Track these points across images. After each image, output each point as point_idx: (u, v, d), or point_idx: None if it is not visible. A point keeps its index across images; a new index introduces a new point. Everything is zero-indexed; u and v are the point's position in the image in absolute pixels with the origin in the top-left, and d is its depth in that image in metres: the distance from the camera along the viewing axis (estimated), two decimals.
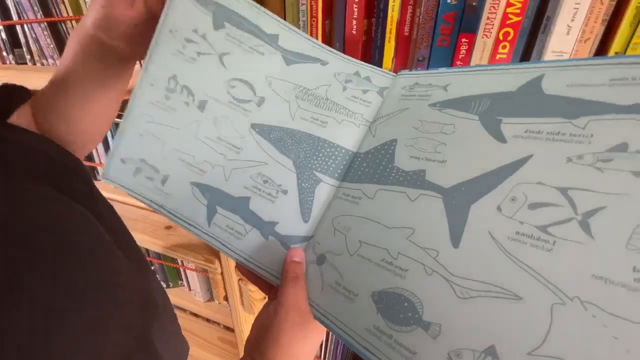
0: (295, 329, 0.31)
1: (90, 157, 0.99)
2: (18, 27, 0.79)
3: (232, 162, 0.36)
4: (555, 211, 0.23)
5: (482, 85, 0.30)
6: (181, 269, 1.09)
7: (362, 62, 0.37)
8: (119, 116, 0.43)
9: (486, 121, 0.28)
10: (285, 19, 0.53)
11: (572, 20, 0.38)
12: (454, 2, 0.43)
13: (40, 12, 0.74)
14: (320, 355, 0.81)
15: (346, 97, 0.36)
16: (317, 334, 0.32)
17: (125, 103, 0.39)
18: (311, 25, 0.52)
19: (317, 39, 0.53)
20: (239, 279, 0.75)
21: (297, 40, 0.37)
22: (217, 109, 0.36)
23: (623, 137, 0.22)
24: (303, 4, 0.51)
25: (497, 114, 0.28)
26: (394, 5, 0.47)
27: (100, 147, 0.97)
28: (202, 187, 0.36)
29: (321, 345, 0.81)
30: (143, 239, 0.83)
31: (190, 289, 1.13)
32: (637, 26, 0.37)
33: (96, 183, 0.38)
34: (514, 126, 0.27)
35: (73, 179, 0.35)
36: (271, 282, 0.35)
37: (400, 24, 0.49)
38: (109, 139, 0.93)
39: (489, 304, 0.24)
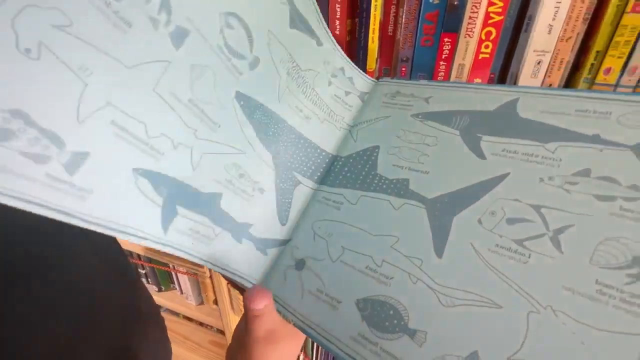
0: (269, 347, 0.30)
1: None
2: None
3: (204, 143, 0.26)
4: (530, 227, 0.25)
5: (462, 102, 0.33)
6: (172, 272, 1.08)
7: (348, 60, 0.36)
8: None
9: (467, 137, 0.31)
10: None
11: (553, 19, 0.38)
12: (436, 2, 0.43)
13: None
14: (312, 357, 0.81)
15: (330, 96, 0.35)
16: (293, 344, 0.32)
17: None
18: None
19: None
20: (228, 283, 0.75)
21: (307, 3, 0.32)
22: (200, 52, 0.24)
23: (586, 164, 0.26)
24: None
25: (477, 131, 0.31)
26: (376, 5, 0.47)
27: None
28: (154, 178, 0.24)
29: (312, 347, 0.80)
30: (133, 245, 0.82)
31: (182, 292, 1.12)
32: (617, 24, 0.36)
33: None
34: (493, 144, 0.29)
35: None
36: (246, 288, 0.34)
37: (384, 23, 0.49)
38: None
39: (472, 312, 0.25)
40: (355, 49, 0.52)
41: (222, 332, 1.11)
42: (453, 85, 0.34)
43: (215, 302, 0.80)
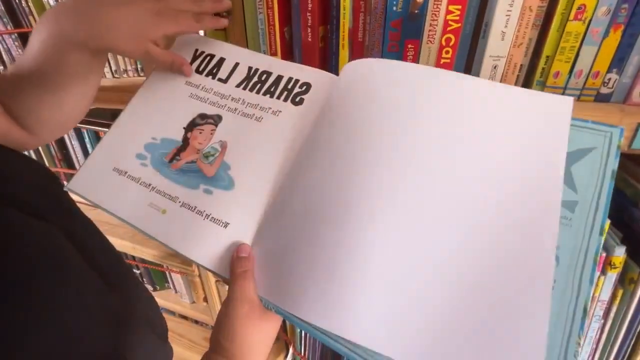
0: (248, 322, 0.33)
1: (71, 165, 1.00)
2: None
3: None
4: None
5: None
6: (167, 272, 1.10)
7: None
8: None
9: None
10: (245, 28, 0.55)
11: (506, 26, 0.40)
12: (399, 10, 0.45)
13: (10, 23, 0.75)
14: (301, 352, 0.84)
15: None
16: (271, 323, 0.34)
17: None
18: (269, 33, 0.54)
19: (276, 46, 0.55)
20: (217, 281, 0.77)
21: None
22: None
23: None
24: (260, 13, 0.53)
25: None
26: (344, 13, 0.49)
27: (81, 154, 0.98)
28: None
29: (301, 341, 0.83)
30: (123, 245, 0.85)
31: (176, 291, 1.15)
32: (563, 31, 0.39)
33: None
34: None
35: (39, 195, 0.33)
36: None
37: (354, 30, 0.51)
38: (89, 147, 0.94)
39: None
40: (328, 55, 0.54)
41: None
42: None
43: (205, 299, 0.83)
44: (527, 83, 0.44)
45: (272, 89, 0.42)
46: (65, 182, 0.43)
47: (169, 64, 0.44)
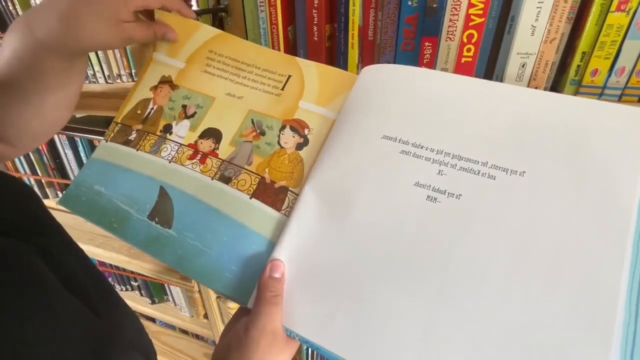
0: (268, 351, 0.29)
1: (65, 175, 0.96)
2: None
3: None
4: None
5: None
6: (165, 284, 1.06)
7: None
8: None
9: None
10: (245, 27, 0.51)
11: (536, 19, 0.36)
12: (414, 4, 0.41)
13: None
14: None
15: None
16: (291, 350, 0.30)
17: None
18: (272, 33, 0.50)
19: (279, 46, 0.51)
20: (217, 297, 0.73)
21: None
22: None
23: None
24: (262, 11, 0.49)
25: None
26: (354, 10, 0.45)
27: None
28: None
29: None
30: (119, 259, 0.81)
31: (175, 304, 1.10)
32: (603, 24, 0.35)
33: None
34: None
35: (9, 212, 0.32)
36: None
37: (364, 28, 0.47)
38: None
39: None
40: (335, 55, 0.50)
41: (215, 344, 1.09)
42: None
43: (206, 316, 0.79)
44: (558, 83, 0.40)
45: None
46: (59, 193, 0.40)
47: (151, 36, 0.40)
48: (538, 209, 0.26)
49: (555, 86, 0.40)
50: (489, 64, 0.42)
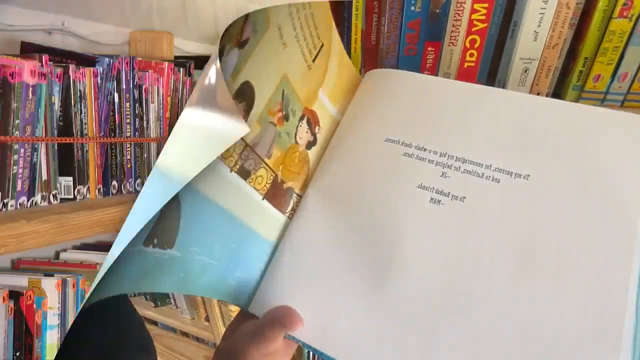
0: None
1: None
2: None
3: None
4: None
5: None
6: None
7: None
8: None
9: None
10: None
11: (539, 25, 0.37)
12: (417, 10, 0.42)
13: None
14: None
15: None
16: (290, 350, 0.30)
17: None
18: None
19: None
20: (218, 300, 0.73)
21: None
22: None
23: None
24: None
25: None
26: (357, 14, 0.45)
27: None
28: None
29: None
30: None
31: (177, 307, 1.10)
32: (605, 30, 0.35)
33: None
34: None
35: None
36: None
37: (367, 33, 0.47)
38: None
39: None
40: None
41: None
42: None
43: (207, 319, 0.79)
44: (560, 88, 0.40)
45: None
46: None
47: None
48: (543, 212, 0.26)
49: (558, 91, 0.40)
50: (492, 69, 0.42)
